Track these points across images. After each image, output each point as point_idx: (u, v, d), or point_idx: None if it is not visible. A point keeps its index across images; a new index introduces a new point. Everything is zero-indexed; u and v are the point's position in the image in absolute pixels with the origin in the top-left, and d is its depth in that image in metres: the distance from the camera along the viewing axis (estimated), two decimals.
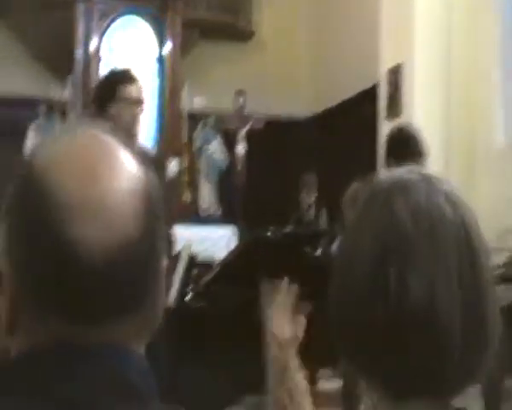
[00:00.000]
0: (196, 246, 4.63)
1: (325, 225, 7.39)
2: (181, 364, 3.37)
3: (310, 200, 7.59)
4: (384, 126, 6.67)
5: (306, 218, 7.56)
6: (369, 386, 0.84)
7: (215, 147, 9.11)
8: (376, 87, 7.26)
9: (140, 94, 3.42)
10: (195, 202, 8.96)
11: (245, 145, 8.90)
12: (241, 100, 8.99)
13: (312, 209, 7.60)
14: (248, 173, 8.89)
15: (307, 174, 7.71)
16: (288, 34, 10.20)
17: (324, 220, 7.48)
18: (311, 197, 7.59)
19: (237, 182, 8.93)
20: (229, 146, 9.05)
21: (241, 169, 8.91)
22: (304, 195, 7.59)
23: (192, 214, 8.56)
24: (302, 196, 7.61)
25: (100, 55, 8.60)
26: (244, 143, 8.90)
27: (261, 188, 9.01)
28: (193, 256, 3.82)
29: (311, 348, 1.12)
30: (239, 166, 8.90)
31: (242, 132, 8.89)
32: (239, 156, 8.89)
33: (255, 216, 7.99)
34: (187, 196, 8.77)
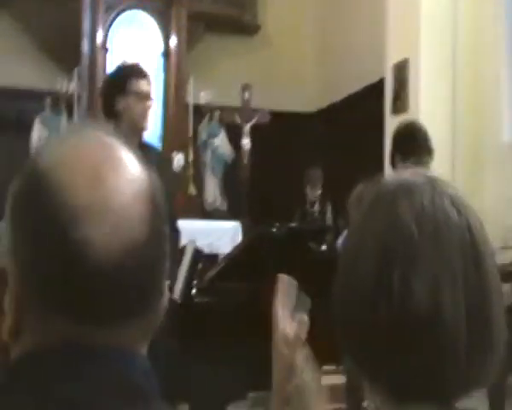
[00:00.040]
0: (201, 240, 4.64)
1: (330, 221, 7.39)
2: (184, 359, 3.37)
3: (315, 195, 7.58)
4: (390, 121, 6.65)
5: (311, 213, 7.56)
6: (372, 388, 0.84)
7: (220, 141, 9.10)
8: (382, 82, 7.23)
9: (149, 89, 3.43)
10: (200, 196, 8.95)
11: (250, 140, 8.88)
12: (247, 94, 8.97)
13: (317, 204, 7.59)
14: (253, 168, 8.88)
15: (312, 169, 7.70)
16: (294, 28, 10.16)
17: (329, 215, 7.47)
18: (317, 192, 7.57)
19: (242, 176, 8.91)
20: (234, 140, 9.03)
21: (247, 163, 8.90)
22: (309, 189, 7.58)
23: (197, 208, 8.56)
24: (307, 191, 7.60)
25: (106, 48, 8.59)
26: (249, 138, 8.88)
27: (266, 182, 9.00)
28: (198, 250, 3.82)
29: (314, 345, 1.12)
30: (244, 160, 8.88)
31: (248, 127, 8.87)
32: (244, 151, 8.88)
33: (260, 210, 7.99)
34: (192, 190, 8.77)
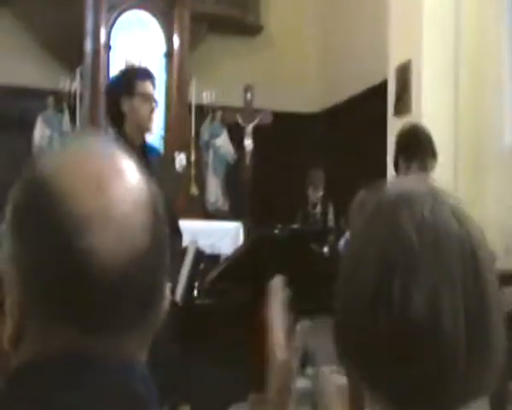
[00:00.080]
0: (203, 240, 4.63)
1: (332, 222, 7.37)
2: (185, 361, 3.37)
3: (317, 196, 7.56)
4: (392, 123, 6.64)
5: (313, 214, 7.54)
6: (372, 396, 0.84)
7: (222, 141, 9.10)
8: (385, 83, 7.22)
9: (154, 91, 3.44)
10: (202, 197, 8.96)
11: (252, 140, 8.88)
12: (249, 95, 8.97)
13: (319, 206, 7.58)
14: (255, 168, 8.88)
15: (314, 170, 7.68)
16: (297, 29, 10.17)
17: (331, 217, 7.46)
18: (318, 193, 7.55)
19: (244, 176, 8.92)
20: (236, 141, 9.04)
21: (249, 164, 8.90)
22: (311, 191, 7.57)
23: (199, 208, 8.56)
24: (309, 192, 7.59)
25: (109, 47, 8.59)
26: (251, 138, 8.88)
27: (268, 183, 9.00)
28: (200, 251, 3.82)
29: None
30: (246, 160, 8.89)
31: (250, 127, 8.88)
32: (246, 151, 8.88)
33: (262, 211, 8.00)
34: (194, 190, 8.78)
